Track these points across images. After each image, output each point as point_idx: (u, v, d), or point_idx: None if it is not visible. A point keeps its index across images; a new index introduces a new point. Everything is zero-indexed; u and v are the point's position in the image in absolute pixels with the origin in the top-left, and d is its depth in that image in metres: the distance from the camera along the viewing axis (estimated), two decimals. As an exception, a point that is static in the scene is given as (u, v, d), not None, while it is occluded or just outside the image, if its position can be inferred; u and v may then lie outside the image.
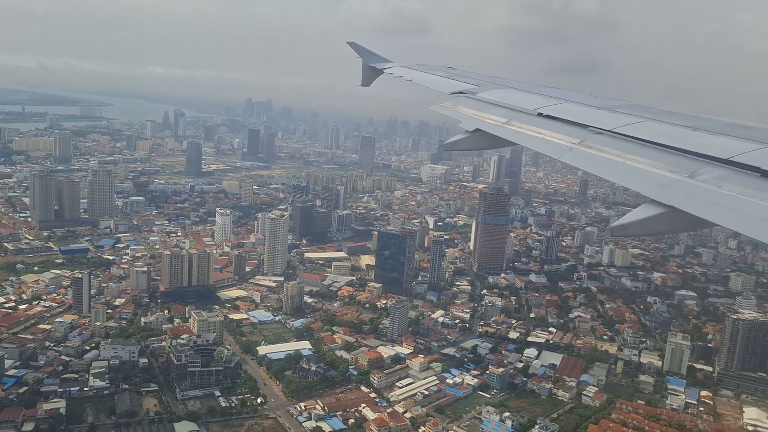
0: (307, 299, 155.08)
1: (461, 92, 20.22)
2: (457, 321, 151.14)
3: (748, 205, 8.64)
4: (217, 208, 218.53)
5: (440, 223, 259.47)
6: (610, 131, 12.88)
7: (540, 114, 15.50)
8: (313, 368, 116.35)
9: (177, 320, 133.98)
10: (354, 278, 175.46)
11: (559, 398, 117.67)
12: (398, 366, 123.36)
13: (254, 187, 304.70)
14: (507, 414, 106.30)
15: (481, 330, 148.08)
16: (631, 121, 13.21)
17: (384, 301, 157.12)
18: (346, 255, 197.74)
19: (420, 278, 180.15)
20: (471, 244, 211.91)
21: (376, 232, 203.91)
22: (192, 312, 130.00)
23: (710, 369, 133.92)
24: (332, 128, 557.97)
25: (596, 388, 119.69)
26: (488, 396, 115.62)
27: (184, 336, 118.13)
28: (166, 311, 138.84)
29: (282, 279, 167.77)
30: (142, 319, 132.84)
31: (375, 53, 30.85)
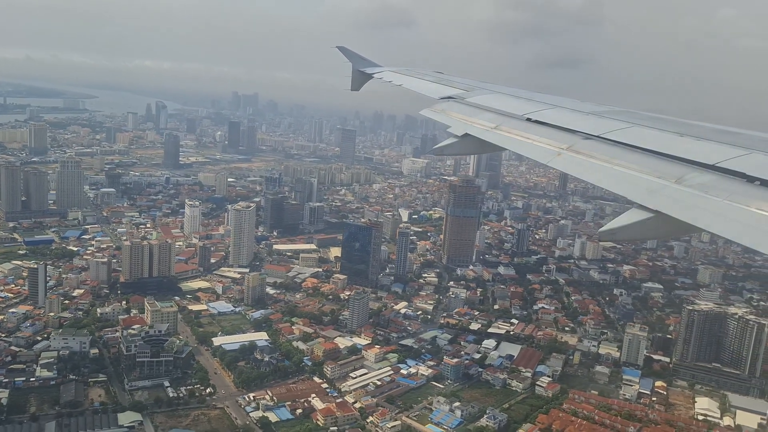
0: (270, 291, 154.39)
1: (450, 97, 20.38)
2: (419, 312, 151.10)
3: (734, 211, 8.74)
4: (186, 200, 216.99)
5: (415, 216, 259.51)
6: (598, 136, 13.00)
7: (529, 119, 15.64)
8: (266, 359, 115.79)
9: (134, 311, 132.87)
10: (320, 270, 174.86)
11: (513, 389, 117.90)
12: (354, 357, 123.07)
13: (231, 179, 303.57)
14: (457, 404, 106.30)
15: (442, 321, 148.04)
16: (619, 127, 13.35)
17: (348, 293, 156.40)
18: (315, 247, 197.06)
19: (388, 270, 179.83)
20: (442, 236, 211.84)
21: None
22: (146, 302, 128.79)
23: (668, 360, 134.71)
24: (315, 122, 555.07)
25: (550, 379, 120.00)
26: (442, 386, 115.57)
27: (135, 326, 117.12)
28: (124, 302, 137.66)
29: (247, 270, 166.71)
30: (98, 310, 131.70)
31: (365, 58, 30.78)
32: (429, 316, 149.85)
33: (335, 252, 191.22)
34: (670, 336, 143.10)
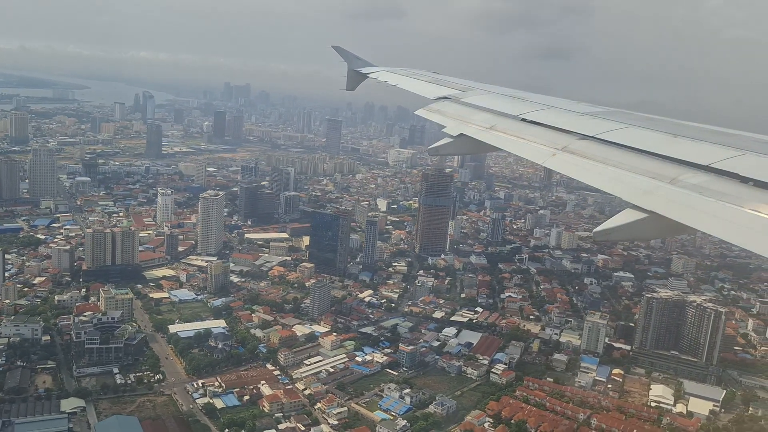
0: (235, 279, 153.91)
1: (446, 97, 20.31)
2: (383, 301, 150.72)
3: (728, 211, 8.73)
4: (159, 189, 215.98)
5: (394, 206, 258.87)
6: (592, 137, 12.99)
7: (524, 119, 15.61)
8: (220, 346, 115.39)
9: (93, 299, 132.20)
10: (289, 259, 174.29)
11: (468, 376, 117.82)
12: (310, 344, 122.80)
13: (212, 169, 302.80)
14: (407, 391, 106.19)
15: (406, 310, 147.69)
16: (614, 128, 13.33)
17: (314, 281, 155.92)
18: (287, 236, 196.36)
19: (358, 259, 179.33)
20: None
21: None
22: (101, 290, 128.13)
23: (629, 348, 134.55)
24: (304, 113, 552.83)
25: (505, 366, 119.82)
26: (396, 374, 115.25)
27: (87, 313, 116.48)
28: (84, 290, 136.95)
29: (215, 259, 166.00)
30: (56, 297, 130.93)
31: (360, 57, 30.68)
32: (393, 305, 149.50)
33: (307, 241, 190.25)
34: (633, 324, 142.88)
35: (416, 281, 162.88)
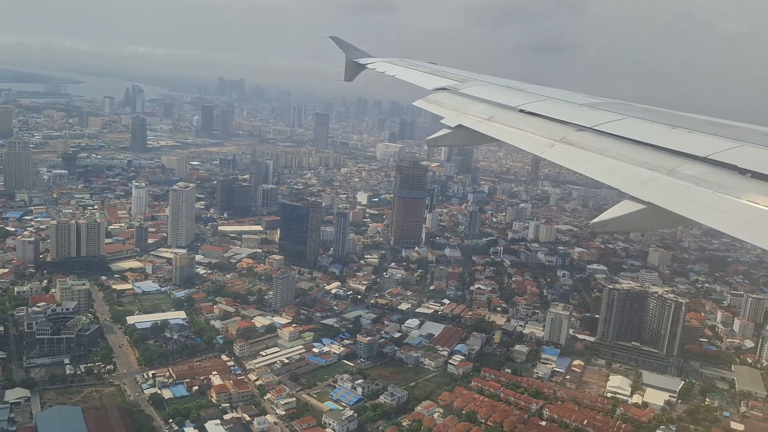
0: (201, 271, 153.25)
1: (444, 88, 20.13)
2: (350, 293, 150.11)
3: (726, 203, 8.70)
4: (134, 182, 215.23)
5: (375, 199, 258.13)
6: (591, 128, 12.91)
7: (522, 110, 15.47)
8: (175, 337, 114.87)
9: (53, 290, 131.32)
10: (260, 251, 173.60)
11: (426, 367, 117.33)
12: (268, 335, 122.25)
13: (195, 162, 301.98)
14: (360, 381, 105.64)
15: (372, 302, 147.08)
16: (612, 119, 13.26)
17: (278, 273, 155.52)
18: (262, 228, 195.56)
19: (331, 251, 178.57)
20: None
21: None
22: (57, 280, 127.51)
23: (593, 339, 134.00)
24: (295, 107, 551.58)
25: (462, 357, 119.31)
26: (352, 365, 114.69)
27: (41, 304, 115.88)
28: (45, 281, 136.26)
29: (185, 251, 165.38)
30: (15, 288, 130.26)
31: (358, 48, 30.47)
32: (360, 297, 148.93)
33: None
34: (597, 316, 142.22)
35: (384, 273, 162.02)
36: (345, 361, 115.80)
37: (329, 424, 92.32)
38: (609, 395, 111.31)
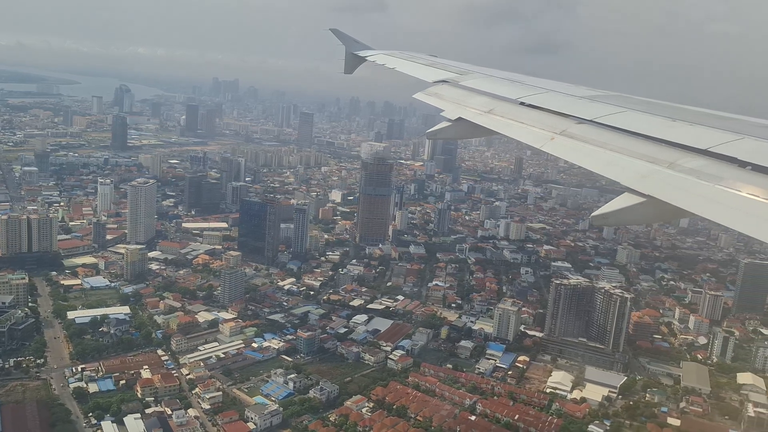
0: (154, 266, 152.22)
1: (444, 81, 20.02)
2: (303, 288, 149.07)
3: (726, 195, 8.69)
4: (99, 178, 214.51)
5: (351, 198, 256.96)
6: (591, 121, 12.85)
7: (522, 103, 15.40)
8: (112, 331, 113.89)
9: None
10: (219, 247, 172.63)
11: (366, 362, 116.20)
12: (208, 330, 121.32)
13: (174, 161, 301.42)
14: (292, 376, 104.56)
15: (325, 298, 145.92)
16: (612, 111, 13.20)
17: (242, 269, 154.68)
18: (226, 225, 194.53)
19: (291, 248, 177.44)
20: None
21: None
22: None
23: (542, 335, 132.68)
24: (284, 107, 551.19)
25: (403, 353, 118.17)
26: (290, 360, 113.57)
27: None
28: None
29: (144, 247, 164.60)
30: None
31: (357, 40, 30.28)
32: (313, 293, 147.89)
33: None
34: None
35: (341, 270, 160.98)
36: (284, 357, 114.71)
37: (251, 418, 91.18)
38: (548, 391, 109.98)
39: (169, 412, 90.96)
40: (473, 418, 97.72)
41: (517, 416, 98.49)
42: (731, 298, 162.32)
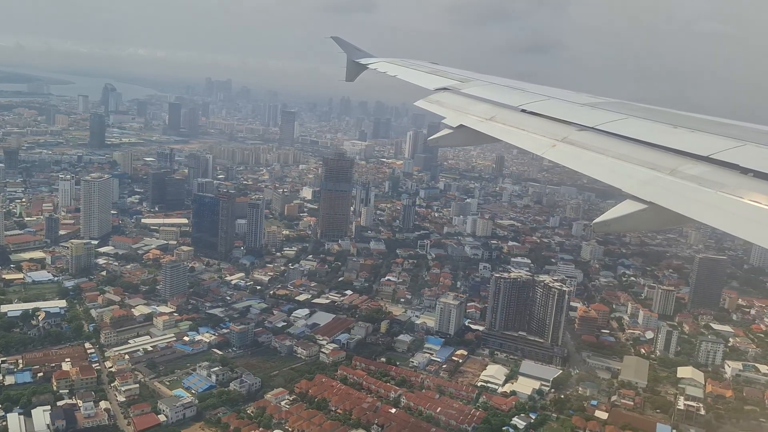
0: (101, 261, 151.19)
1: (445, 88, 20.16)
2: (250, 283, 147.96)
3: (728, 202, 8.65)
4: (59, 175, 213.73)
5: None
6: (592, 128, 12.85)
7: (523, 110, 15.43)
8: (40, 324, 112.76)
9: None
10: (174, 242, 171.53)
11: (298, 355, 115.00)
12: (143, 324, 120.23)
13: (150, 159, 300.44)
14: (216, 369, 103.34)
15: (271, 293, 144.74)
16: (614, 118, 13.19)
17: (186, 263, 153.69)
18: (187, 221, 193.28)
19: (245, 243, 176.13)
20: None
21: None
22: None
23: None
24: (270, 106, 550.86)
25: (336, 346, 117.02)
26: (221, 353, 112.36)
27: None
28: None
29: (89, 241, 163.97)
30: None
31: (359, 48, 30.32)
32: (260, 287, 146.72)
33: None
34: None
35: (290, 264, 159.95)
36: (215, 350, 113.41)
37: (163, 410, 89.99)
38: (479, 384, 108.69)
39: (80, 403, 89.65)
40: (393, 411, 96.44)
41: (439, 409, 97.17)
42: (689, 293, 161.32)
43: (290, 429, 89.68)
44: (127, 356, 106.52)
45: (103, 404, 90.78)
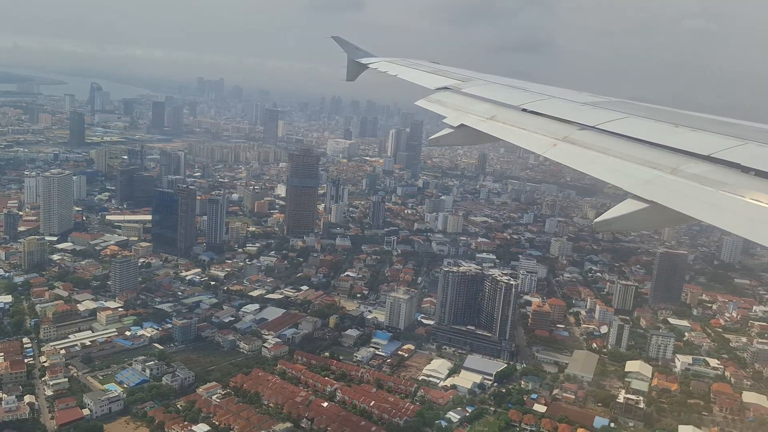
0: (56, 257, 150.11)
1: (446, 87, 20.24)
2: (205, 279, 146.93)
3: (729, 201, 8.68)
4: (25, 172, 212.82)
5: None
6: (593, 127, 12.89)
7: (524, 110, 15.50)
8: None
9: None
10: (136, 238, 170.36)
11: (240, 350, 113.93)
12: (86, 319, 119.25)
13: (126, 157, 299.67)
14: (150, 363, 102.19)
15: (225, 288, 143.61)
16: (615, 118, 13.22)
17: (144, 259, 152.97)
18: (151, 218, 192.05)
19: (206, 239, 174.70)
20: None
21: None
22: None
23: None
24: (257, 105, 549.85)
25: (278, 341, 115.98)
26: (161, 347, 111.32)
27: None
28: None
29: (57, 239, 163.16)
30: None
31: (359, 48, 30.31)
32: (216, 283, 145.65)
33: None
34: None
35: (248, 261, 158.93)
36: (156, 345, 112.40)
37: (87, 404, 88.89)
38: (421, 378, 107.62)
39: (4, 398, 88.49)
40: (326, 404, 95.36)
41: (372, 403, 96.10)
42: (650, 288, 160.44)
43: (217, 423, 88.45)
44: (63, 351, 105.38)
45: (27, 398, 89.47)
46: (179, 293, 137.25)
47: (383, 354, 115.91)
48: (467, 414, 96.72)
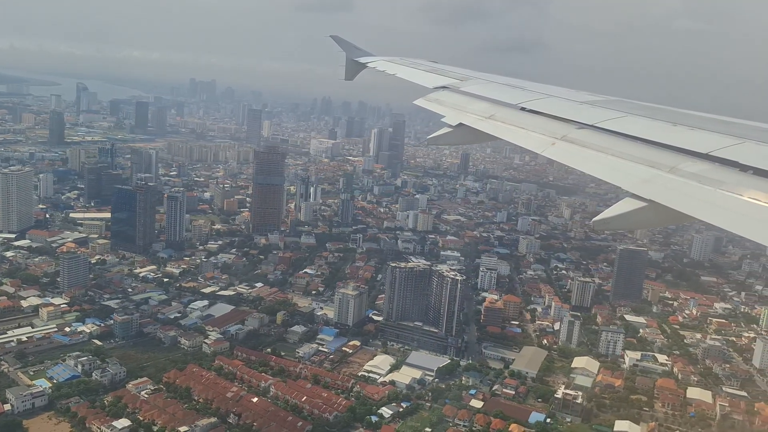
0: (9, 254, 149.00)
1: (445, 86, 20.31)
2: (159, 276, 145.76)
3: (727, 200, 8.72)
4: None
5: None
6: (592, 126, 12.90)
7: (523, 108, 15.55)
8: None
9: None
10: (96, 236, 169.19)
11: (181, 346, 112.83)
12: (28, 315, 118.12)
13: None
14: (83, 359, 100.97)
15: (178, 285, 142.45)
16: (613, 116, 13.25)
17: (99, 257, 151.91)
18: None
19: (165, 236, 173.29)
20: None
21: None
22: None
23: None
24: (244, 105, 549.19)
25: (219, 337, 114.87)
26: (101, 343, 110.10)
27: None
28: None
29: (14, 236, 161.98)
30: None
31: (358, 47, 30.31)
32: (169, 280, 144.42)
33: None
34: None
35: (203, 258, 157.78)
36: (95, 341, 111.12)
37: (9, 400, 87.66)
38: (361, 374, 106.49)
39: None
40: (255, 400, 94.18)
41: (305, 398, 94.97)
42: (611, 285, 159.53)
43: (141, 418, 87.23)
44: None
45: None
46: (129, 290, 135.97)
47: (326, 350, 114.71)
48: (401, 409, 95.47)
